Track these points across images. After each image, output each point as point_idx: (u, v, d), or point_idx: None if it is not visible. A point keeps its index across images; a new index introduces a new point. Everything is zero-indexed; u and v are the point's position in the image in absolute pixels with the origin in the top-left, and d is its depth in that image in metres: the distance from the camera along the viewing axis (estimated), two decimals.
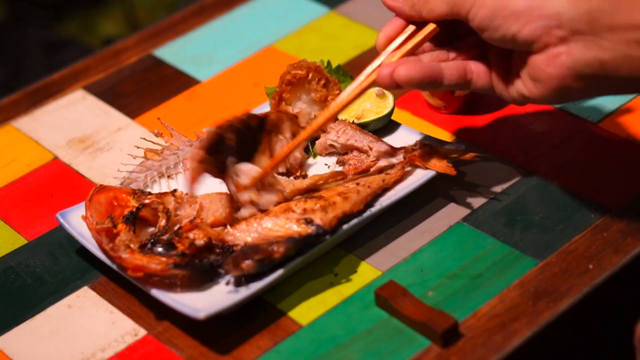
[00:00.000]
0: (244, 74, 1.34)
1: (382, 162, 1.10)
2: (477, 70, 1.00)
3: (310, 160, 1.15)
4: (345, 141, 1.12)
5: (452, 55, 1.02)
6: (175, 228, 1.03)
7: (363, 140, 1.12)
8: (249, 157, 1.06)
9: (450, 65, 1.00)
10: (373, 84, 1.01)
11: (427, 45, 1.03)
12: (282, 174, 1.12)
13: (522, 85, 0.97)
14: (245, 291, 0.98)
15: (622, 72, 0.91)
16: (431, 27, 1.01)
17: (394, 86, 0.99)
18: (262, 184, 1.05)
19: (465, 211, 1.08)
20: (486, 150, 1.15)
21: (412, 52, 1.01)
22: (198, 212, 1.04)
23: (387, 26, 1.02)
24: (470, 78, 1.00)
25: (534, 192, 1.10)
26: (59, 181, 1.20)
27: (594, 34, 0.90)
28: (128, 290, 1.04)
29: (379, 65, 1.01)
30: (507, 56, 0.99)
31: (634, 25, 0.89)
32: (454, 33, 1.03)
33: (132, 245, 1.00)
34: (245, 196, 1.04)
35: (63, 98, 1.33)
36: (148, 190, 1.12)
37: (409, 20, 1.01)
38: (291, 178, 1.11)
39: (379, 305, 0.99)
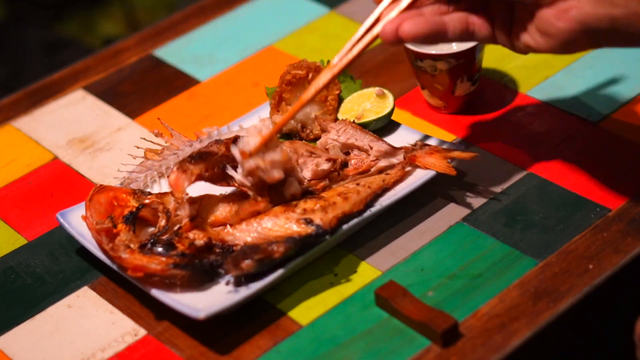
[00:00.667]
0: (244, 74, 1.34)
1: (382, 162, 1.10)
2: (480, 22, 0.99)
3: None
4: (346, 140, 1.12)
5: (452, 7, 1.00)
6: (175, 228, 1.03)
7: (363, 139, 1.12)
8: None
9: (453, 18, 0.98)
10: (374, 39, 0.99)
11: None
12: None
13: (528, 38, 0.96)
14: (245, 291, 0.98)
15: (632, 29, 0.91)
16: None
17: (398, 42, 0.97)
18: (265, 147, 1.03)
19: (465, 211, 1.08)
20: (486, 150, 1.15)
21: (411, 6, 0.99)
22: (198, 212, 1.04)
23: None
24: (472, 30, 0.99)
25: (534, 192, 1.10)
26: (59, 181, 1.20)
27: None
28: (128, 290, 1.04)
29: (377, 19, 0.99)
30: (510, 6, 0.98)
31: None
32: None
33: (132, 245, 1.00)
34: (251, 163, 1.03)
35: (63, 98, 1.33)
36: (148, 190, 1.12)
37: None
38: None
39: (379, 305, 0.99)
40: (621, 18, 0.91)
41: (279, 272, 0.99)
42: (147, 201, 1.05)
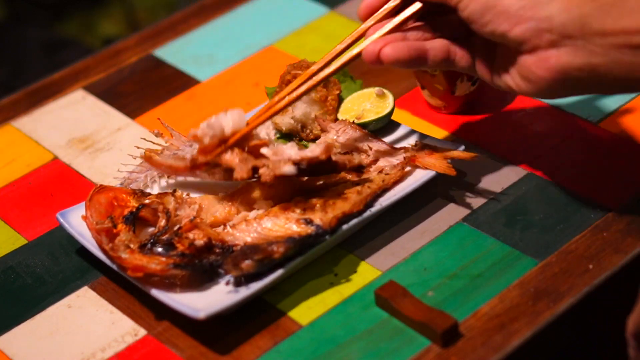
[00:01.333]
0: (244, 74, 1.34)
1: (382, 162, 1.10)
2: (461, 53, 1.01)
3: None
4: (345, 141, 1.12)
5: (438, 33, 1.02)
6: (175, 228, 1.03)
7: (363, 140, 1.12)
8: None
9: (435, 45, 1.00)
10: (356, 57, 1.01)
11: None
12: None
13: (509, 79, 0.97)
14: (245, 291, 0.98)
15: (612, 76, 0.92)
16: (417, 6, 1.01)
17: (378, 64, 0.99)
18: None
19: (465, 211, 1.08)
20: (486, 150, 1.15)
21: (396, 28, 1.01)
22: (198, 212, 1.04)
23: None
24: (453, 59, 1.01)
25: (534, 192, 1.10)
26: (59, 181, 1.20)
27: (585, 39, 0.91)
28: (128, 290, 1.04)
29: (362, 34, 1.01)
30: (491, 44, 0.99)
31: (625, 30, 0.90)
32: (440, 10, 1.03)
33: (132, 245, 1.00)
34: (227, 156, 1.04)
35: (63, 98, 1.33)
36: (148, 190, 1.12)
37: None
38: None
39: (379, 305, 0.99)
40: (601, 66, 0.91)
41: (279, 272, 0.99)
42: (147, 201, 1.05)
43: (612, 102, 1.20)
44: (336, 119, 1.16)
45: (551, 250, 1.03)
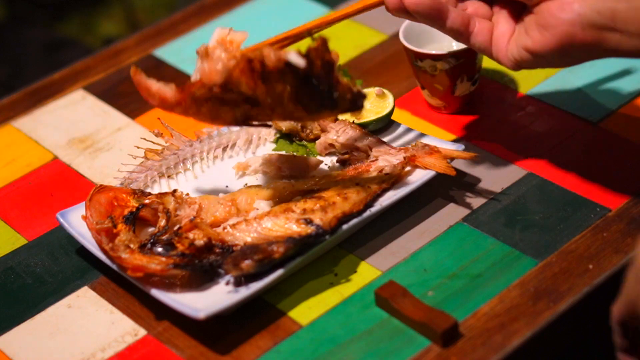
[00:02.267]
0: None
1: (382, 162, 1.10)
2: (481, 27, 1.02)
3: None
4: (345, 141, 1.12)
5: (462, 6, 1.03)
6: (175, 228, 1.03)
7: (363, 140, 1.12)
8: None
9: (458, 11, 1.01)
10: (379, 4, 1.02)
11: None
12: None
13: (526, 38, 0.98)
14: (245, 291, 0.98)
15: (630, 26, 0.93)
16: None
17: (400, 8, 1.01)
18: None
19: (465, 211, 1.08)
20: (486, 150, 1.15)
21: None
22: (198, 212, 1.04)
23: None
24: (471, 30, 1.02)
25: (534, 192, 1.10)
26: (59, 181, 1.20)
27: None
28: (128, 290, 1.04)
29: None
30: (515, 15, 1.00)
31: None
32: None
33: (132, 245, 1.00)
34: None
35: (63, 98, 1.33)
36: (148, 190, 1.12)
37: None
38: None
39: (379, 305, 0.99)
40: (622, 12, 0.92)
41: (279, 272, 0.99)
42: (147, 201, 1.05)
43: (612, 102, 1.20)
44: (336, 119, 1.16)
45: (551, 250, 1.03)
